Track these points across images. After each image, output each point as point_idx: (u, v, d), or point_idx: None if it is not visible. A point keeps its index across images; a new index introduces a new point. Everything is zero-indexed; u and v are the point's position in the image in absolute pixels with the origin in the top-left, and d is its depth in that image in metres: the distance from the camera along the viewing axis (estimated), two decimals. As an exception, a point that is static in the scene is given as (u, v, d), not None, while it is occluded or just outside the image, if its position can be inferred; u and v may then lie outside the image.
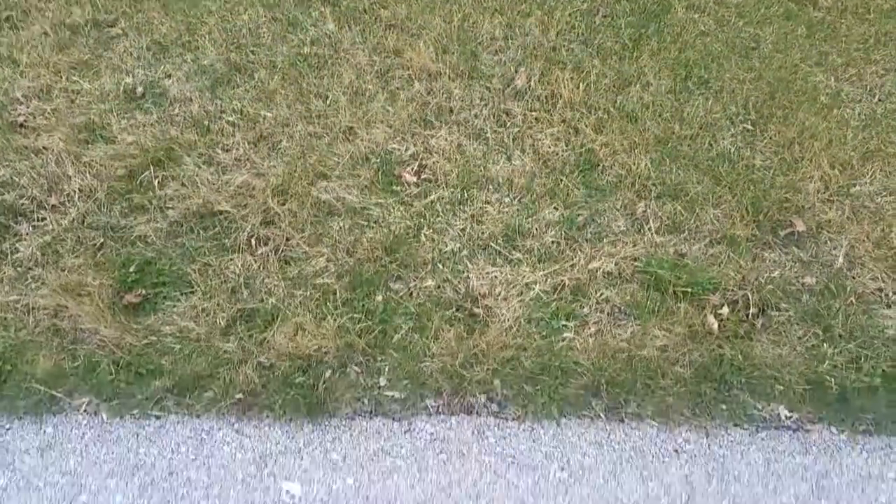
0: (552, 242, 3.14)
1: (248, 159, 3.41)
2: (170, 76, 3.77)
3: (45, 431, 2.54)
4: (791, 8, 4.25)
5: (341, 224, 3.19)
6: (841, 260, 3.11)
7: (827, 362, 2.78)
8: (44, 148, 3.41)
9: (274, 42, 3.95)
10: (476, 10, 4.12)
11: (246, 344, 2.77)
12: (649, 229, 3.20)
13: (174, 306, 2.88)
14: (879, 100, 3.76)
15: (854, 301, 2.98)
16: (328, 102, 3.67)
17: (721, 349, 2.81)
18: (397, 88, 3.76)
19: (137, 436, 2.53)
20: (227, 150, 3.44)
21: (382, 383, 2.71)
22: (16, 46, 3.87)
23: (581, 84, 3.75)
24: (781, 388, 2.73)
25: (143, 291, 2.92)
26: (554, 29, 4.02)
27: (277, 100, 3.67)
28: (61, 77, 3.74)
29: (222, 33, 3.97)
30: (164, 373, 2.69)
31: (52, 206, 3.21)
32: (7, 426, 2.56)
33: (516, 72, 3.84)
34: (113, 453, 2.48)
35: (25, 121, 3.54)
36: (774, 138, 3.54)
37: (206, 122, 3.56)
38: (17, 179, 3.29)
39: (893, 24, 4.17)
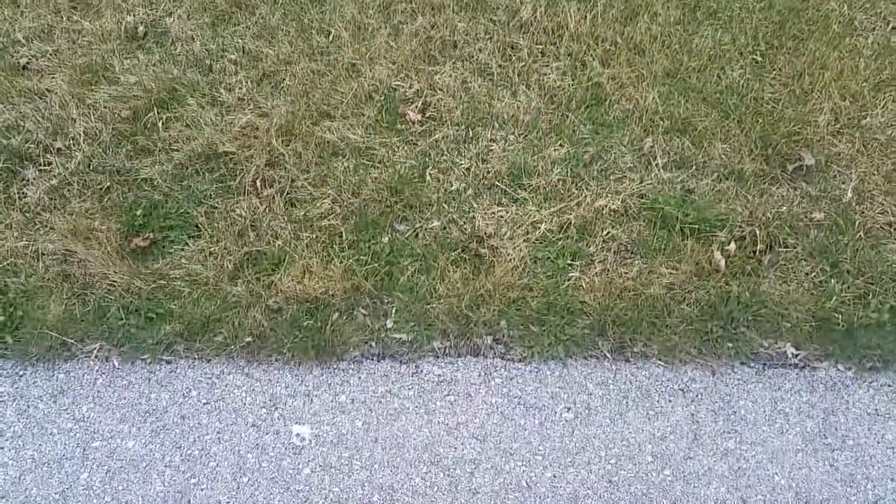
0: (558, 180, 2.92)
1: (251, 99, 3.17)
2: (171, 14, 3.48)
3: (57, 377, 2.41)
4: (804, -69, 3.87)
5: (346, 164, 2.97)
6: (850, 194, 2.88)
7: (834, 298, 2.59)
8: (47, 90, 3.18)
9: (275, -24, 3.64)
10: (480, -61, 3.78)
11: (254, 287, 2.60)
12: (656, 165, 2.96)
13: (182, 250, 2.71)
14: (894, 27, 3.45)
15: (862, 236, 2.76)
16: (330, 38, 3.40)
17: (728, 286, 2.62)
18: (400, 23, 3.47)
19: (149, 380, 2.40)
20: (230, 90, 3.20)
21: (389, 325, 2.55)
22: (15, -14, 3.59)
23: (588, 15, 3.45)
24: (788, 325, 2.55)
25: (151, 235, 2.74)
26: (560, -43, 3.68)
27: (279, 36, 3.40)
28: (62, 17, 3.46)
29: (221, -30, 3.66)
30: (174, 317, 2.53)
31: (58, 149, 3.00)
32: (21, 373, 2.43)
33: (521, 2, 3.53)
34: (125, 399, 2.36)
35: (28, 62, 3.30)
36: (784, 70, 3.25)
37: (208, 61, 3.30)
38: (21, 123, 3.07)
39: (909, -53, 3.80)
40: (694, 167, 2.96)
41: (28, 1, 3.52)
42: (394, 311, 2.59)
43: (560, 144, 3.04)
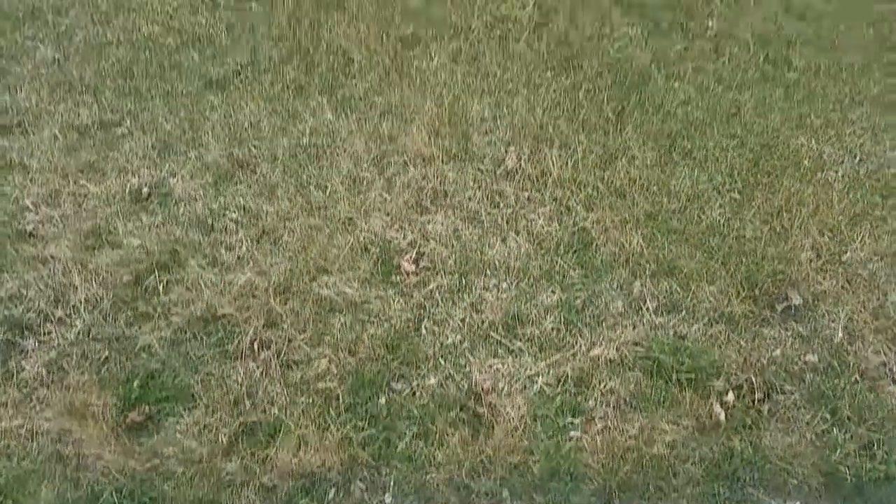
0: (552, 329, 2.73)
1: (250, 257, 3.01)
2: (174, 175, 3.38)
3: (42, 581, 2.14)
4: (767, 70, 3.86)
5: (342, 321, 2.78)
6: (840, 334, 2.69)
7: (839, 450, 2.35)
8: (51, 257, 3.02)
9: (274, 134, 3.57)
10: (465, 92, 3.74)
11: (248, 463, 2.36)
12: (647, 310, 2.78)
13: (177, 423, 2.47)
14: (860, 160, 3.36)
15: (858, 378, 2.55)
16: (328, 193, 3.28)
17: (730, 441, 2.38)
18: (393, 175, 3.37)
19: (138, 580, 2.12)
20: (231, 249, 3.05)
21: (388, 501, 2.29)
22: (26, 152, 3.50)
23: (569, 161, 3.36)
24: (795, 482, 2.30)
25: (147, 409, 2.51)
26: (540, 107, 3.63)
27: (279, 193, 3.29)
28: (69, 181, 3.35)
29: (225, 128, 3.59)
30: (167, 500, 2.27)
31: (59, 318, 2.81)
32: (2, 577, 2.16)
33: (506, 151, 3.45)
34: None
35: (34, 229, 3.16)
36: (762, 207, 3.13)
37: (209, 221, 3.17)
38: (24, 292, 2.90)
39: (865, 82, 3.77)
40: (684, 311, 2.78)
41: (38, 166, 3.42)
42: (392, 483, 2.33)
43: (552, 291, 2.87)
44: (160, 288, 2.89)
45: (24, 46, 4.04)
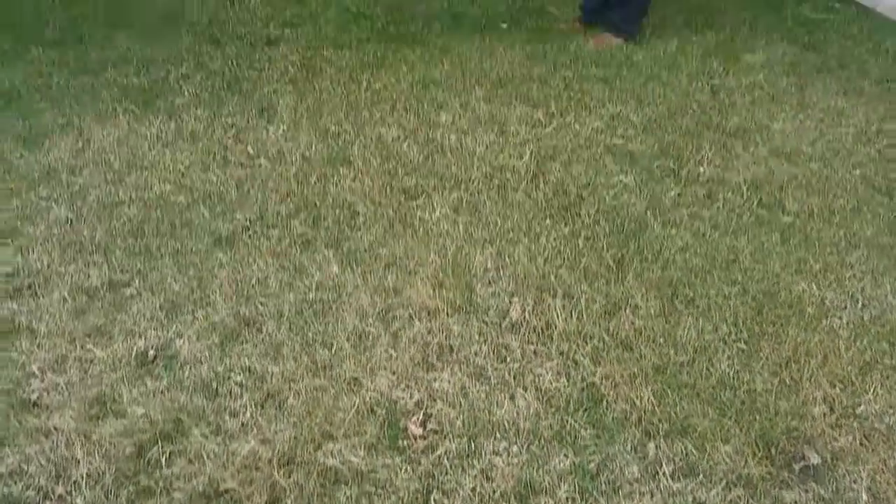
0: (567, 498, 2.67)
1: (255, 424, 3.00)
2: (181, 336, 3.42)
3: None
4: (761, 215, 4.00)
5: (348, 494, 2.72)
6: (864, 496, 2.63)
7: None
8: (54, 428, 3.00)
9: (281, 290, 3.65)
10: (468, 242, 3.86)
11: None
12: (664, 474, 2.73)
13: None
14: (863, 305, 3.41)
15: (891, 549, 2.48)
16: (333, 351, 3.31)
17: None
18: (399, 329, 3.41)
19: None
20: (235, 416, 3.04)
21: None
22: (35, 315, 3.56)
23: (573, 312, 3.41)
24: None
25: None
26: (541, 256, 3.74)
27: (284, 352, 3.31)
28: (76, 345, 3.39)
29: (232, 286, 3.67)
30: None
31: (59, 496, 2.76)
32: None
33: (510, 302, 3.52)
34: None
35: (39, 398, 3.16)
36: (770, 358, 3.15)
37: (214, 385, 3.17)
38: (25, 467, 2.85)
39: (859, 224, 3.90)
40: (701, 475, 2.73)
41: (46, 330, 3.47)
42: None
43: (564, 455, 2.83)
44: (163, 460, 2.86)
45: (38, 207, 4.21)
